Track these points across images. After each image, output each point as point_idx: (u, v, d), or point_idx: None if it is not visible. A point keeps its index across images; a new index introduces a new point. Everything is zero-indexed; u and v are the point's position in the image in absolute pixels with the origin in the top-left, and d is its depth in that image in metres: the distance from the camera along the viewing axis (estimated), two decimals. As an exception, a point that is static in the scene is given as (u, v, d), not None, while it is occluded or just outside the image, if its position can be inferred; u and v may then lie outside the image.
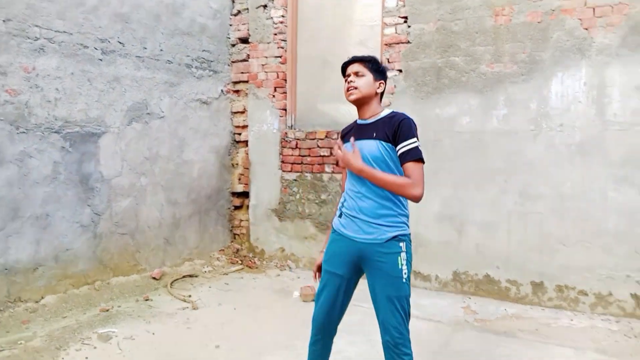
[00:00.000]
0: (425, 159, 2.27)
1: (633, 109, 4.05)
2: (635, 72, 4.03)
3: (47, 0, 4.06)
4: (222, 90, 5.89)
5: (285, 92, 5.75)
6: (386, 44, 5.03)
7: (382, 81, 2.45)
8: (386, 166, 2.29)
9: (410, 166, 2.22)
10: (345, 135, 2.49)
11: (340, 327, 2.54)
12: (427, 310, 4.36)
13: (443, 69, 4.75)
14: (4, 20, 3.79)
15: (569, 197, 4.30)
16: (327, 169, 5.43)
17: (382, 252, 2.28)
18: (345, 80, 2.46)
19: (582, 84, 4.21)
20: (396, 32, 4.95)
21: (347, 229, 2.37)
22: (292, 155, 5.67)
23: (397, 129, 2.27)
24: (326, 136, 5.41)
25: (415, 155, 2.23)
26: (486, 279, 4.67)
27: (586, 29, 4.18)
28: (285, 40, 5.69)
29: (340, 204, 2.47)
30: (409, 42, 4.89)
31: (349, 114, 5.46)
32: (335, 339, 2.56)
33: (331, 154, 2.49)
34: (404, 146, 2.25)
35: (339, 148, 2.32)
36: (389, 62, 5.00)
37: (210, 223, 5.84)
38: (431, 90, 4.82)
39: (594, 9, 4.15)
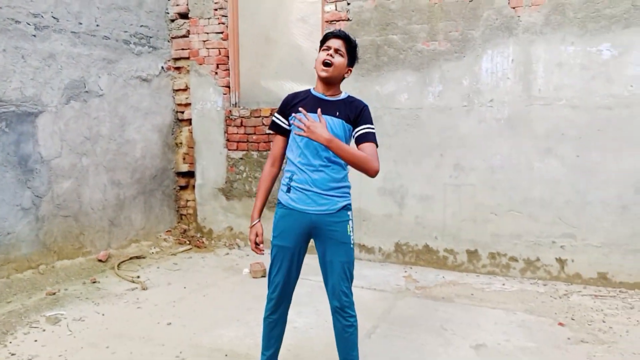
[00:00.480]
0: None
1: (555, 85, 4.36)
2: (557, 49, 4.33)
3: (-28, -26, 3.88)
4: (162, 67, 5.81)
5: (228, 69, 5.74)
6: (327, 21, 5.12)
7: (351, 68, 2.52)
8: (342, 140, 2.39)
9: (368, 146, 2.37)
10: (297, 104, 2.47)
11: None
12: (371, 280, 4.59)
13: (382, 47, 4.90)
14: None
15: (499, 169, 4.60)
16: (272, 146, 5.50)
17: (333, 221, 2.43)
18: (322, 50, 2.44)
19: (510, 61, 4.48)
20: (336, 9, 5.04)
21: (297, 203, 2.43)
22: (237, 133, 5.70)
23: (359, 113, 2.44)
24: (271, 113, 5.48)
25: (372, 138, 2.42)
26: (425, 249, 4.95)
27: (513, 8, 4.43)
28: (226, 16, 5.66)
29: (287, 179, 2.49)
30: (349, 19, 5.00)
31: (294, 91, 5.54)
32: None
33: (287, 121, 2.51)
34: (364, 128, 2.41)
35: (306, 116, 2.28)
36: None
37: (156, 204, 5.81)
38: (371, 67, 4.97)
39: (521, -11, 4.40)
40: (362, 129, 2.41)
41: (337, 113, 2.42)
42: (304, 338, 3.36)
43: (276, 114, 2.56)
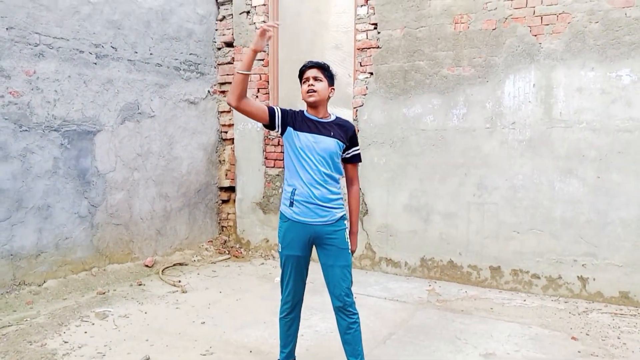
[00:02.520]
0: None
1: (575, 108, 4.47)
2: (577, 74, 4.45)
3: (45, 9, 4.42)
4: (208, 91, 6.27)
5: (268, 93, 6.13)
6: (358, 49, 5.43)
7: (333, 87, 2.83)
8: (337, 158, 2.77)
9: (355, 167, 2.91)
10: (297, 120, 2.72)
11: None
12: (394, 292, 4.77)
13: (409, 72, 5.16)
14: (7, 28, 4.15)
15: (521, 188, 4.73)
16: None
17: (333, 230, 2.73)
18: (303, 82, 2.75)
19: (531, 86, 4.63)
20: (367, 38, 5.35)
21: (300, 215, 2.70)
22: (274, 152, 6.06)
23: (352, 135, 2.83)
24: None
25: (360, 158, 2.93)
26: (450, 264, 5.10)
27: (535, 35, 4.60)
28: (267, 45, 6.07)
29: (289, 194, 2.73)
30: (378, 47, 5.29)
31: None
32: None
33: None
34: (355, 150, 2.88)
35: None
36: (361, 65, 5.41)
37: (199, 216, 6.22)
38: (399, 91, 5.22)
39: (541, 17, 4.56)
40: (354, 150, 2.86)
41: (332, 133, 2.74)
42: (323, 340, 3.59)
43: (280, 108, 2.75)
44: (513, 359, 3.32)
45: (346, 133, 2.78)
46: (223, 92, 6.39)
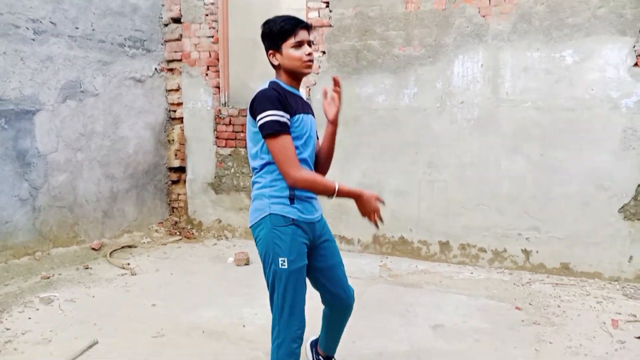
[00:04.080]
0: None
1: (521, 88, 4.62)
2: (523, 55, 4.59)
3: (-24, -20, 4.15)
4: (156, 69, 6.08)
5: (218, 71, 6.01)
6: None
7: None
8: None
9: None
10: (289, 100, 2.14)
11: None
12: (348, 269, 4.71)
13: (361, 52, 5.17)
14: None
15: (469, 166, 4.87)
16: (259, 144, 5.76)
17: (323, 223, 2.38)
18: (293, 46, 2.13)
19: (479, 66, 4.74)
20: (319, 16, 5.32)
21: (304, 213, 2.19)
22: (226, 131, 5.97)
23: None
24: (257, 113, 5.74)
25: None
26: (401, 240, 5.21)
27: (483, 16, 4.70)
28: (216, 21, 5.93)
29: (285, 190, 2.15)
30: (330, 25, 5.28)
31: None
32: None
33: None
34: None
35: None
36: (313, 44, 5.37)
37: (149, 197, 6.08)
38: (351, 70, 5.24)
39: (489, -2, 4.67)
40: None
41: (310, 109, 2.30)
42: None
43: (277, 112, 2.06)
44: (461, 329, 3.46)
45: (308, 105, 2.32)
46: (171, 69, 6.21)
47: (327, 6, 5.27)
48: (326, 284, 2.38)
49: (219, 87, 6.02)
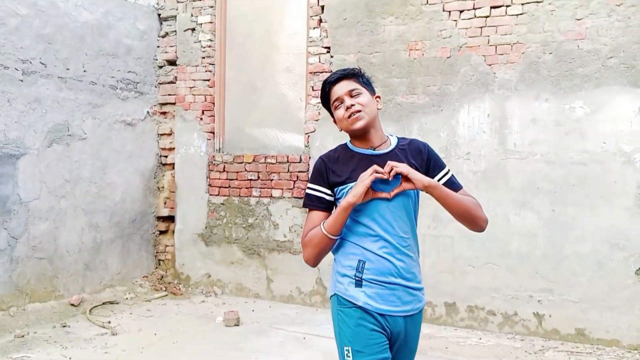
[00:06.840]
0: None
1: (530, 140, 4.69)
2: (532, 105, 4.69)
3: (-35, 21, 4.29)
4: (148, 112, 6.18)
5: (213, 116, 6.12)
6: (311, 72, 5.53)
7: (378, 95, 2.12)
8: (415, 207, 2.13)
9: (463, 193, 2.08)
10: (339, 166, 2.05)
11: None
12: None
13: (363, 98, 5.27)
14: None
15: (477, 221, 4.87)
16: (255, 192, 5.81)
17: (414, 326, 2.01)
18: (335, 107, 2.03)
19: (486, 116, 4.83)
20: (320, 62, 5.46)
21: (379, 302, 1.92)
22: (219, 178, 6.02)
23: (427, 157, 2.08)
24: (254, 160, 5.81)
25: (459, 183, 2.09)
26: (404, 299, 5.15)
27: (489, 65, 4.82)
28: (213, 64, 6.08)
29: (352, 269, 1.97)
30: (331, 71, 5.40)
31: (277, 139, 5.91)
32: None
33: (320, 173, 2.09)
34: (444, 175, 2.09)
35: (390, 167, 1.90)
36: (313, 89, 5.50)
37: (134, 248, 6.06)
38: (352, 118, 5.32)
39: (495, 46, 4.79)
40: (442, 177, 2.06)
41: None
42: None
43: (311, 185, 2.05)
44: (468, 403, 3.38)
45: (417, 158, 2.05)
46: (164, 113, 6.32)
47: (328, 51, 5.42)
48: None
49: (213, 132, 6.11)
